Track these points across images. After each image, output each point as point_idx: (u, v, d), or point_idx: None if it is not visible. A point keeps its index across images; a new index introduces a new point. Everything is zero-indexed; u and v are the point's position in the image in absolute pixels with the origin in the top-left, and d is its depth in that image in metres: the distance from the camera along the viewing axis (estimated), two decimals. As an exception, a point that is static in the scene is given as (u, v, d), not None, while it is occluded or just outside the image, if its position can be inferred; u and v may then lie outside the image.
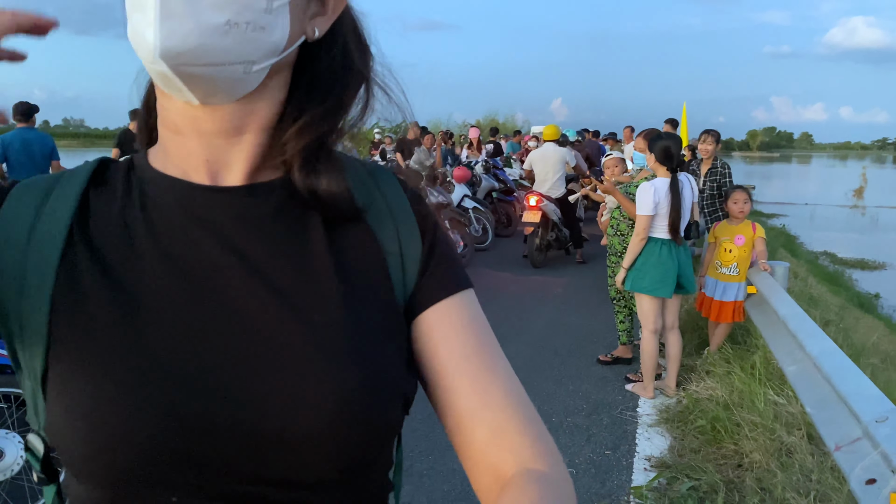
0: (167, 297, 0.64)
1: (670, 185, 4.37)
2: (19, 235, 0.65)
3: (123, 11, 0.62)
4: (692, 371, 4.79)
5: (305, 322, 0.65)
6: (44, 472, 0.68)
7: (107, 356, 0.61)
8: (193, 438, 0.61)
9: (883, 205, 31.05)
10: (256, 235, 0.68)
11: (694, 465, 3.57)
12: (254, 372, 0.62)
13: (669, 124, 10.31)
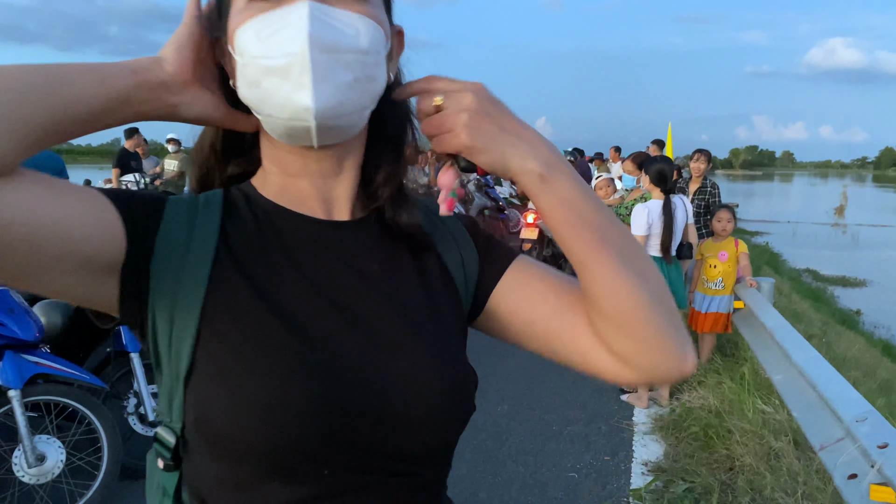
0: (308, 308, 0.77)
1: (663, 206, 4.64)
2: (179, 243, 0.76)
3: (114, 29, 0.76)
4: (684, 382, 5.03)
5: (412, 328, 0.80)
6: (172, 460, 0.77)
7: (267, 354, 0.73)
8: (343, 421, 0.73)
9: (863, 223, 31.60)
10: (369, 260, 0.83)
11: (689, 469, 3.80)
12: (383, 368, 0.76)
13: (656, 145, 10.63)
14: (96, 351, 3.70)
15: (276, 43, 0.70)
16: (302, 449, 0.72)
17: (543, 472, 3.86)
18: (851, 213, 34.19)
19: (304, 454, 0.72)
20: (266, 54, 0.71)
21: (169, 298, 0.74)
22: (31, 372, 3.05)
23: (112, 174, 9.47)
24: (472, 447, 4.14)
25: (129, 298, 0.74)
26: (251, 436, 0.70)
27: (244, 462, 0.73)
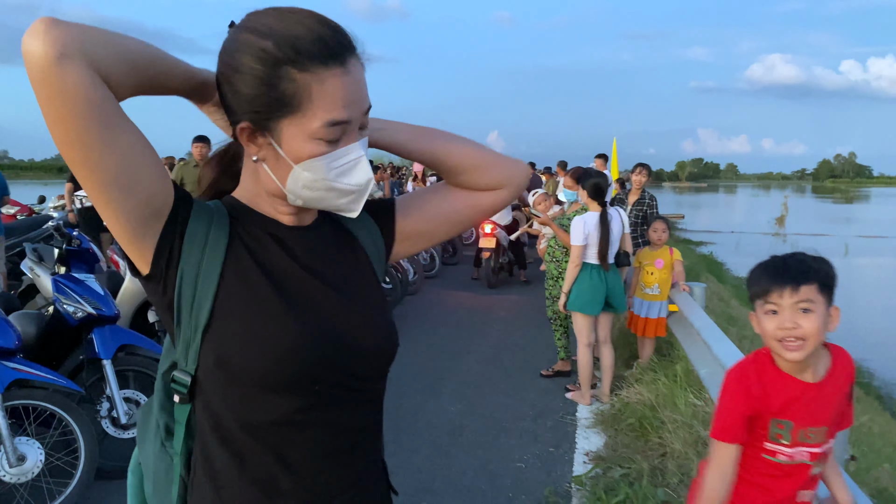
0: (296, 281, 1.07)
1: (600, 217, 5.03)
2: (202, 236, 1.01)
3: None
4: (623, 380, 5.41)
5: (359, 294, 1.14)
6: (187, 394, 1.03)
7: (274, 309, 1.02)
8: (329, 352, 1.04)
9: (802, 232, 32.87)
10: (324, 250, 1.15)
11: (625, 457, 4.16)
12: (349, 319, 1.10)
13: (600, 159, 11.10)
14: (69, 358, 3.89)
15: (347, 178, 1.03)
16: (302, 372, 1.02)
17: (494, 464, 4.18)
18: (792, 223, 35.51)
19: (303, 375, 1.02)
20: (336, 180, 1.02)
21: (194, 268, 1.00)
22: (11, 377, 3.25)
23: (66, 188, 9.49)
24: (428, 443, 4.43)
25: (162, 255, 0.99)
26: (268, 365, 0.99)
27: (256, 384, 1.00)
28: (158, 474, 1.10)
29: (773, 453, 1.77)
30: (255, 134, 1.02)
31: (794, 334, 1.64)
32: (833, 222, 43.58)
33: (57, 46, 0.80)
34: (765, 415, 1.75)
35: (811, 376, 1.74)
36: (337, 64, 0.97)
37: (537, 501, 3.74)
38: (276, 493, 1.05)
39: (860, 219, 48.43)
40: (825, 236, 32.21)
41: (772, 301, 1.67)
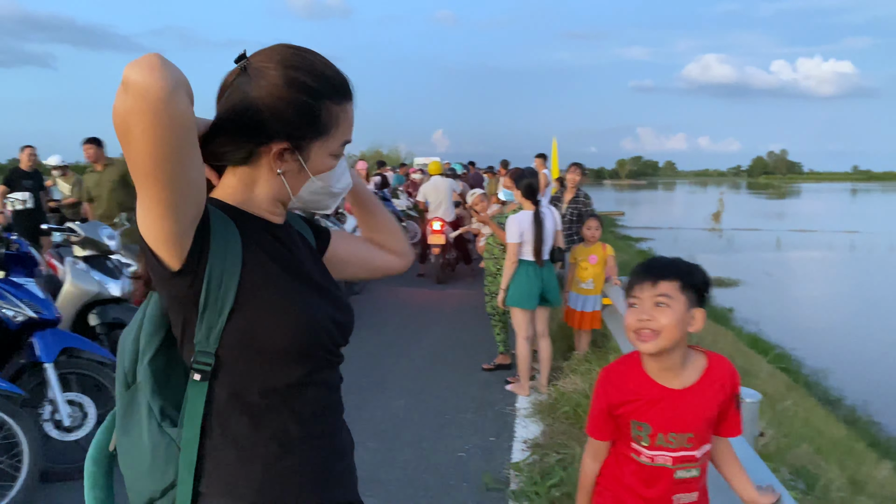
0: (296, 269, 1.29)
1: (534, 216, 5.25)
2: (221, 235, 1.17)
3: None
4: (560, 371, 5.65)
5: (330, 279, 1.40)
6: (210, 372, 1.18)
7: (289, 291, 1.23)
8: (332, 327, 1.30)
9: (738, 227, 34.04)
10: (299, 244, 1.38)
11: (561, 443, 4.37)
12: (331, 299, 1.34)
13: (540, 159, 11.39)
14: (10, 363, 3.89)
15: (339, 184, 1.33)
16: (312, 342, 1.24)
17: (437, 455, 4.33)
18: (727, 219, 36.71)
19: (312, 344, 1.25)
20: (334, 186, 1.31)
21: (220, 264, 1.16)
22: (-48, 382, 3.25)
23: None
24: (373, 436, 4.57)
25: (194, 253, 1.14)
26: (289, 337, 1.20)
27: (278, 354, 1.21)
28: (157, 454, 1.18)
29: (638, 453, 1.82)
30: (286, 153, 1.23)
31: (648, 326, 1.70)
32: (767, 217, 45.22)
33: (170, 80, 0.95)
34: (625, 415, 1.81)
35: (676, 382, 1.78)
36: (351, 100, 1.28)
37: (478, 488, 3.91)
38: (289, 444, 1.24)
39: (792, 213, 50.38)
40: (759, 231, 33.42)
41: (634, 294, 1.76)
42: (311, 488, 1.26)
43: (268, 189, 1.27)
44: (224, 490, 1.19)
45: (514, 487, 3.91)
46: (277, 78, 1.18)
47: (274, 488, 1.21)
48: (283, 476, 1.22)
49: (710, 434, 1.82)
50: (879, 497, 5.21)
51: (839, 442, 6.64)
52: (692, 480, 1.82)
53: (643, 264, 1.81)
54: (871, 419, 9.28)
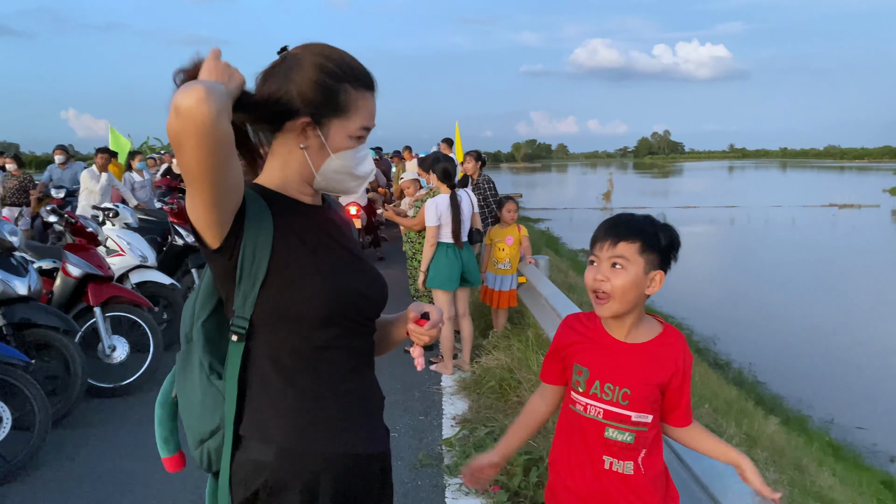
0: (325, 245, 1.45)
1: (450, 199, 5.39)
2: (255, 216, 1.35)
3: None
4: (482, 348, 5.84)
5: (362, 256, 1.55)
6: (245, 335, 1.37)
7: (315, 265, 1.39)
8: (360, 299, 1.45)
9: (627, 206, 35.55)
10: (336, 224, 1.54)
11: (489, 417, 4.56)
12: (362, 274, 1.50)
13: (445, 143, 11.55)
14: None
15: (360, 167, 1.46)
16: (337, 311, 1.40)
17: (369, 436, 4.41)
18: (617, 198, 38.31)
19: (337, 314, 1.40)
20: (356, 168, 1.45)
21: (253, 240, 1.34)
22: None
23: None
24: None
25: (231, 233, 1.32)
26: (316, 306, 1.37)
27: (305, 321, 1.37)
28: (206, 401, 1.41)
29: (574, 402, 1.78)
30: (308, 127, 1.39)
31: (601, 287, 1.68)
32: (653, 196, 47.50)
33: (214, 109, 1.12)
34: (570, 356, 1.80)
35: (626, 337, 1.76)
36: (371, 90, 1.45)
37: (412, 466, 4.03)
38: (316, 399, 1.41)
39: (675, 191, 53.13)
40: (646, 209, 34.93)
41: (593, 253, 1.73)
42: (336, 439, 1.42)
43: (296, 167, 1.43)
44: (259, 435, 1.38)
45: (448, 462, 4.06)
46: (307, 63, 1.38)
47: (301, 436, 1.39)
48: (310, 426, 1.40)
49: (652, 406, 1.73)
50: (770, 449, 5.73)
51: (733, 402, 7.19)
52: (625, 447, 1.74)
53: (608, 222, 1.76)
54: (756, 380, 10.08)
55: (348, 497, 1.45)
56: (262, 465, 1.37)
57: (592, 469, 1.77)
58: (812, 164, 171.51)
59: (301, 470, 1.38)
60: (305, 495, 1.37)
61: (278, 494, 1.37)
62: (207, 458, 1.44)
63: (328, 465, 1.40)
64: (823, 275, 17.72)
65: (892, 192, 46.80)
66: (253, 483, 1.37)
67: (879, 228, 28.67)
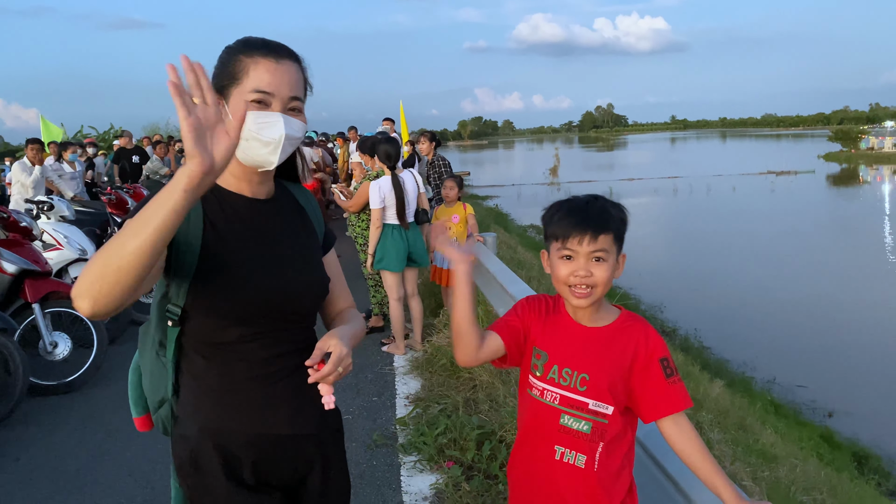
0: (256, 243, 1.49)
1: (392, 181, 5.38)
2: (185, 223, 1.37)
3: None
4: (433, 328, 5.88)
5: (301, 252, 1.57)
6: (178, 320, 1.43)
7: (239, 267, 1.43)
8: (282, 297, 1.48)
9: (573, 180, 35.98)
10: (278, 218, 1.56)
11: (441, 394, 4.61)
12: (295, 271, 1.53)
13: (389, 122, 11.49)
14: None
15: (266, 132, 1.42)
16: (262, 310, 1.46)
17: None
18: (564, 173, 38.72)
19: (261, 313, 1.46)
20: (259, 132, 1.41)
21: (184, 236, 1.39)
22: None
23: None
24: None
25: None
26: (232, 307, 1.42)
27: (228, 318, 1.43)
28: (154, 374, 1.56)
29: (531, 386, 1.73)
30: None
31: (586, 282, 1.62)
32: (599, 169, 48.13)
33: (87, 311, 1.16)
34: (530, 338, 1.74)
35: (586, 321, 1.71)
36: (271, 57, 1.44)
37: (367, 446, 4.05)
38: (236, 383, 1.49)
39: (620, 164, 53.94)
40: (593, 182, 35.52)
41: (569, 247, 1.62)
42: (257, 420, 1.50)
43: None
44: (187, 413, 1.51)
45: (402, 441, 4.09)
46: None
47: (222, 416, 1.48)
48: (231, 408, 1.49)
49: (613, 395, 1.64)
50: (715, 411, 5.93)
51: (678, 367, 7.39)
52: (580, 437, 1.66)
53: (577, 213, 1.65)
54: (701, 345, 10.39)
55: (276, 474, 1.55)
56: (187, 439, 1.49)
57: (543, 458, 1.71)
58: (751, 132, 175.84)
59: (222, 447, 1.48)
60: (228, 470, 1.48)
61: (200, 464, 1.48)
62: (162, 424, 1.58)
63: (250, 444, 1.50)
64: (764, 240, 18.29)
65: (826, 158, 48.48)
66: (181, 454, 1.50)
67: (814, 193, 29.68)
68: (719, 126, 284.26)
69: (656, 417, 1.64)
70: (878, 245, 17.88)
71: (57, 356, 5.03)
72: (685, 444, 1.62)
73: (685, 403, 1.62)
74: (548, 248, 1.70)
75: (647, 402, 1.64)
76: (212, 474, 1.47)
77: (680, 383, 1.64)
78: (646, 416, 1.67)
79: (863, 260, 16.00)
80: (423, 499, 3.46)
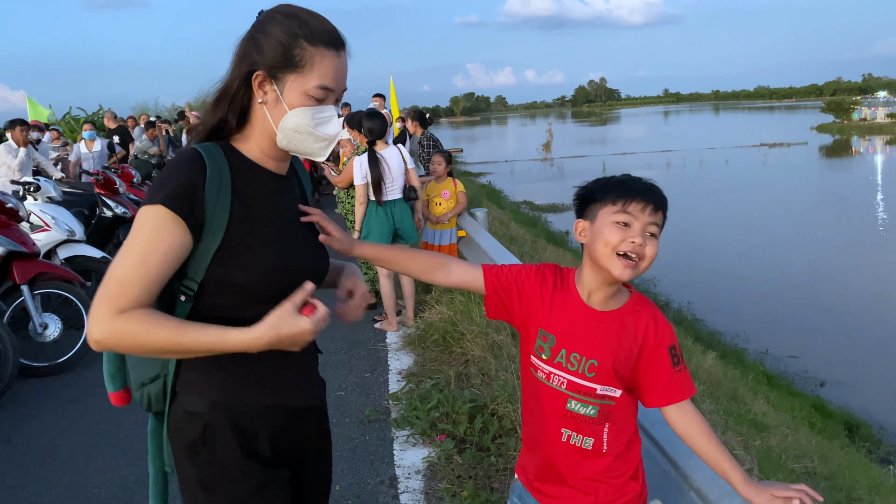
0: (279, 220, 1.49)
1: (369, 156, 5.33)
2: (214, 192, 1.37)
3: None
4: (425, 304, 5.87)
5: (312, 231, 1.58)
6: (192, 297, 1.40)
7: (266, 242, 1.43)
8: (298, 275, 1.43)
9: (566, 155, 35.94)
10: (294, 195, 1.58)
11: (434, 369, 4.61)
12: (308, 250, 1.54)
13: (379, 98, 11.39)
14: None
15: (322, 128, 1.43)
16: (281, 289, 1.41)
17: (315, 396, 4.41)
18: (557, 148, 38.66)
19: (283, 290, 1.40)
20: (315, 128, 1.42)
21: (211, 212, 1.37)
22: None
23: None
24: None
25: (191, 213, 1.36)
26: (258, 283, 1.41)
27: (247, 294, 1.42)
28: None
29: (536, 368, 1.67)
30: (265, 82, 1.40)
31: (638, 251, 1.52)
32: (592, 144, 48.06)
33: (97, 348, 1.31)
34: (535, 317, 1.66)
35: (597, 304, 1.63)
36: (333, 49, 1.41)
37: (360, 421, 4.05)
38: (250, 357, 1.41)
39: (613, 139, 53.86)
40: (585, 157, 35.49)
41: (630, 211, 1.53)
42: (272, 393, 1.50)
43: (260, 124, 1.45)
44: (194, 389, 1.45)
45: (395, 415, 4.10)
46: (267, 20, 1.41)
47: (236, 390, 1.46)
48: (245, 381, 1.47)
49: (620, 379, 1.61)
50: (707, 382, 5.97)
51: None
52: (587, 421, 1.62)
53: (639, 182, 1.60)
54: (695, 318, 10.43)
55: (288, 447, 1.54)
56: (197, 415, 1.44)
57: (549, 439, 1.67)
58: (743, 105, 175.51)
59: (237, 421, 1.45)
60: (244, 444, 1.45)
61: (215, 440, 1.43)
62: (147, 399, 1.53)
63: (265, 417, 1.48)
64: (756, 212, 18.32)
65: (819, 130, 48.48)
66: (191, 432, 1.44)
67: (807, 165, 29.70)
68: (712, 99, 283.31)
69: (660, 405, 1.62)
70: (869, 216, 17.93)
71: (47, 338, 5.01)
72: (690, 429, 1.59)
73: (689, 391, 1.59)
74: (591, 215, 1.60)
75: (651, 389, 1.62)
76: (228, 450, 1.43)
77: (685, 371, 1.60)
78: (648, 403, 1.64)
79: (854, 231, 16.06)
80: (415, 472, 3.47)
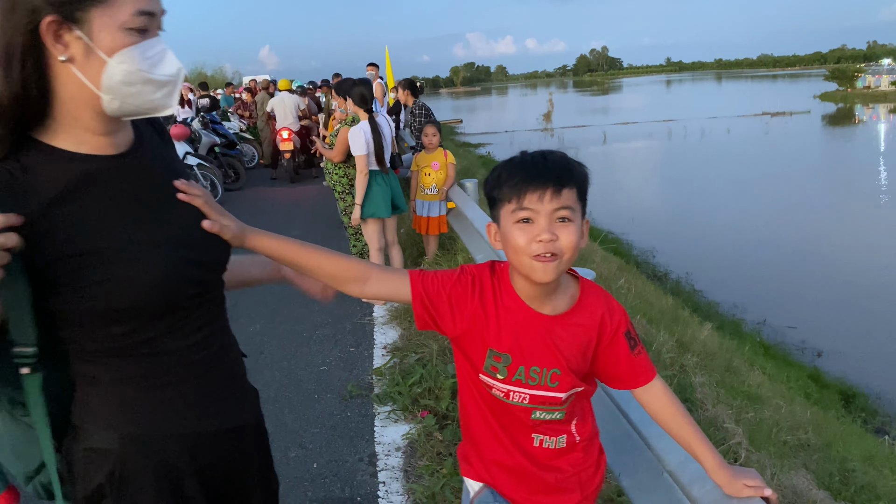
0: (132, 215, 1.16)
1: (370, 124, 5.19)
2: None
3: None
4: (413, 276, 5.76)
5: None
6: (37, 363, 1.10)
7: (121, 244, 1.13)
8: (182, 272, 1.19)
9: (567, 125, 35.59)
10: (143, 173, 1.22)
11: (419, 343, 4.51)
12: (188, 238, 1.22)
13: (373, 67, 11.18)
14: None
15: (158, 68, 1.08)
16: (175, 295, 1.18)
17: (298, 372, 4.35)
18: (558, 118, 38.29)
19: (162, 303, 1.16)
20: (151, 71, 1.07)
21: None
22: None
23: None
24: (229, 364, 4.48)
25: None
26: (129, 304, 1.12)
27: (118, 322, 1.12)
28: (17, 442, 1.19)
29: (490, 387, 1.48)
30: (62, 29, 1.02)
31: (550, 249, 1.29)
32: (593, 113, 47.59)
33: None
34: (479, 336, 1.45)
35: (547, 307, 1.43)
36: None
37: (341, 397, 3.98)
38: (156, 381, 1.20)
39: (615, 108, 53.33)
40: (587, 127, 35.16)
41: (526, 206, 1.30)
42: (190, 418, 1.25)
43: (72, 95, 1.07)
44: (99, 423, 1.18)
45: (378, 391, 4.02)
46: None
47: (147, 421, 1.20)
48: (156, 410, 1.21)
49: (582, 377, 1.50)
50: (702, 354, 5.88)
51: (667, 311, 7.35)
52: (555, 423, 1.53)
53: (533, 165, 1.35)
54: (693, 288, 10.34)
55: (223, 479, 1.31)
56: (105, 453, 1.17)
57: (520, 448, 1.55)
58: (746, 73, 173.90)
59: (152, 456, 1.19)
60: (164, 483, 1.20)
61: (128, 486, 1.18)
62: (43, 489, 1.25)
63: (190, 448, 1.24)
64: (757, 182, 18.12)
65: (822, 98, 47.98)
66: (95, 476, 1.18)
67: (809, 134, 29.38)
68: (715, 67, 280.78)
69: (623, 389, 1.53)
70: (871, 185, 17.75)
71: None
72: (659, 410, 1.50)
73: (650, 374, 1.49)
74: (496, 218, 1.39)
75: (613, 376, 1.52)
76: (143, 497, 1.19)
77: (644, 354, 1.49)
78: (613, 387, 1.55)
79: (855, 200, 15.90)
80: (395, 449, 3.39)
